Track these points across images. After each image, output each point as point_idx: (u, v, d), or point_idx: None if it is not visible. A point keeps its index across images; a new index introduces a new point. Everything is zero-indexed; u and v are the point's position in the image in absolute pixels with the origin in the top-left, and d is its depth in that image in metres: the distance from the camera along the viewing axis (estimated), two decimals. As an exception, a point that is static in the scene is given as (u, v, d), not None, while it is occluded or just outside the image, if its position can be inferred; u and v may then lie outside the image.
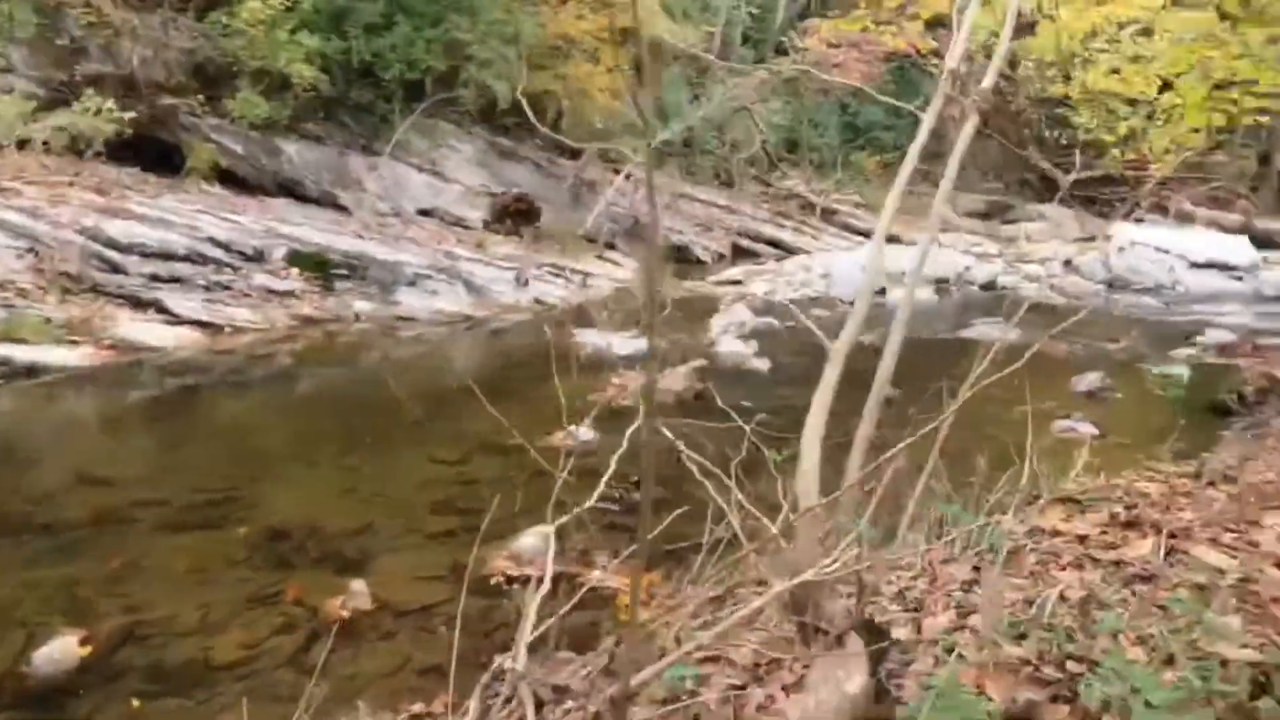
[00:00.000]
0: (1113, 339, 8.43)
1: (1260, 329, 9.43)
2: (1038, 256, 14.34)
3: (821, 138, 20.89)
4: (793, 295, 10.51)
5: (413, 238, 11.13)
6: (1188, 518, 3.24)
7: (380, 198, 12.15)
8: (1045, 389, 6.59)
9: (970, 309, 10.32)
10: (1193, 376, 7.03)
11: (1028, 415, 4.12)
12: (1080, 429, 5.53)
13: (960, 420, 5.32)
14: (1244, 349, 7.90)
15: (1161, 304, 10.96)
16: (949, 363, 6.95)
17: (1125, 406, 6.22)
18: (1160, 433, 5.56)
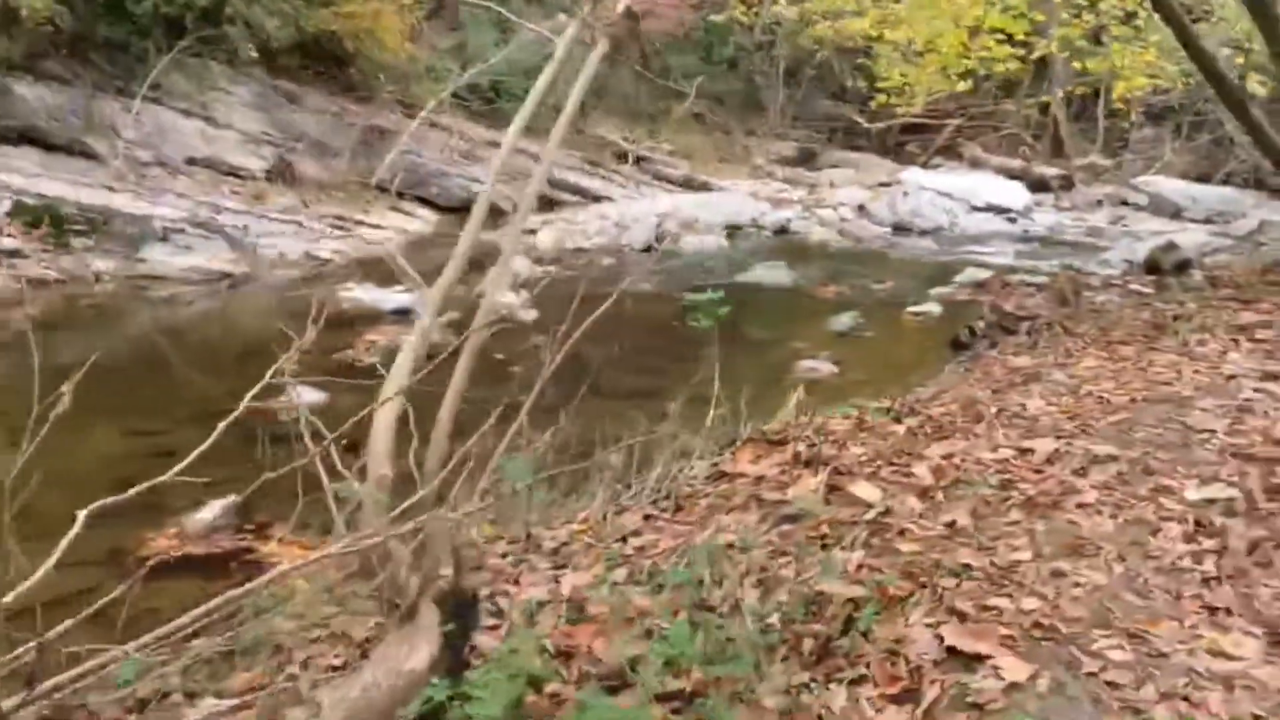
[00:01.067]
0: (880, 280, 8.72)
1: (1017, 266, 10.01)
2: (833, 201, 14.75)
3: (632, 84, 20.70)
4: (584, 244, 10.35)
5: (176, 189, 10.25)
6: (859, 453, 3.27)
7: (141, 145, 11.10)
8: (806, 330, 6.73)
9: (757, 254, 10.48)
10: (943, 313, 7.35)
11: (776, 358, 4.07)
12: (821, 368, 5.65)
13: (700, 364, 5.29)
14: (993, 285, 8.33)
15: (938, 245, 11.48)
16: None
17: (873, 344, 6.41)
18: (897, 368, 5.75)
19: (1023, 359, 4.90)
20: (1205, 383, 4.31)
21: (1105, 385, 4.23)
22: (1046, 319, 6.27)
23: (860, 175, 20.15)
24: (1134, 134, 23.03)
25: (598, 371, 5.74)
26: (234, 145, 12.16)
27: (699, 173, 18.58)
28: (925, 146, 24.44)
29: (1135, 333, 5.52)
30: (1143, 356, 4.89)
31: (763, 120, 23.64)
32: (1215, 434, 3.47)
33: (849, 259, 10.19)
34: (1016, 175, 19.18)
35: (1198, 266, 9.29)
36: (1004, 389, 4.27)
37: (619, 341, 6.34)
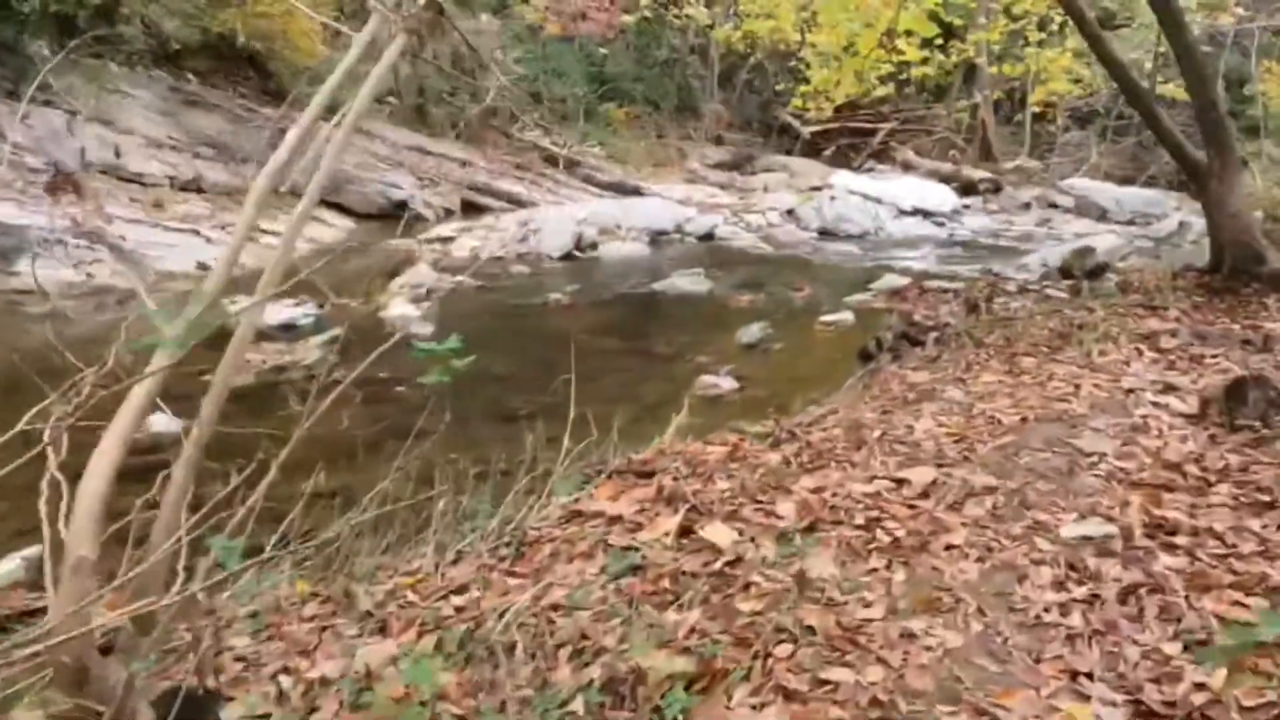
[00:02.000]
0: (798, 287, 8.52)
1: (938, 271, 9.90)
2: (763, 206, 14.59)
3: (567, 89, 20.39)
4: (500, 252, 10.01)
5: (65, 197, 9.66)
6: (724, 488, 3.00)
7: (31, 150, 10.48)
8: (714, 342, 6.48)
9: (679, 261, 10.23)
10: (856, 322, 7.15)
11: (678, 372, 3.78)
12: (723, 384, 5.39)
13: (598, 382, 5.01)
14: (909, 292, 8.18)
15: (862, 250, 11.35)
16: (617, 319, 6.64)
17: (780, 357, 6.18)
18: (800, 383, 5.52)
19: (921, 374, 4.69)
20: (1103, 398, 4.13)
21: (1000, 403, 4.03)
22: (954, 329, 6.10)
23: (795, 179, 20.06)
24: (1061, 138, 23.34)
25: (496, 389, 5.44)
26: (135, 150, 11.59)
27: (632, 177, 18.33)
28: (861, 150, 24.56)
29: (1040, 343, 5.35)
30: (1043, 369, 4.72)
31: (698, 124, 23.50)
32: (1104, 457, 3.27)
33: (770, 266, 9.99)
34: (947, 179, 19.26)
35: (1112, 271, 9.27)
36: (895, 408, 4.04)
37: (522, 357, 6.03)
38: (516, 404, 5.12)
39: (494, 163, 16.40)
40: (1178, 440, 3.54)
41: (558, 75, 20.36)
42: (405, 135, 15.94)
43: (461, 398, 5.18)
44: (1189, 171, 7.47)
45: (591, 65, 21.55)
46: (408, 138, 15.82)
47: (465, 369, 2.47)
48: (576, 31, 20.55)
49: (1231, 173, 6.84)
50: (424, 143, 15.89)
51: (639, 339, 6.60)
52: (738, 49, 22.74)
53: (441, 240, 10.59)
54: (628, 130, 21.10)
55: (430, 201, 13.45)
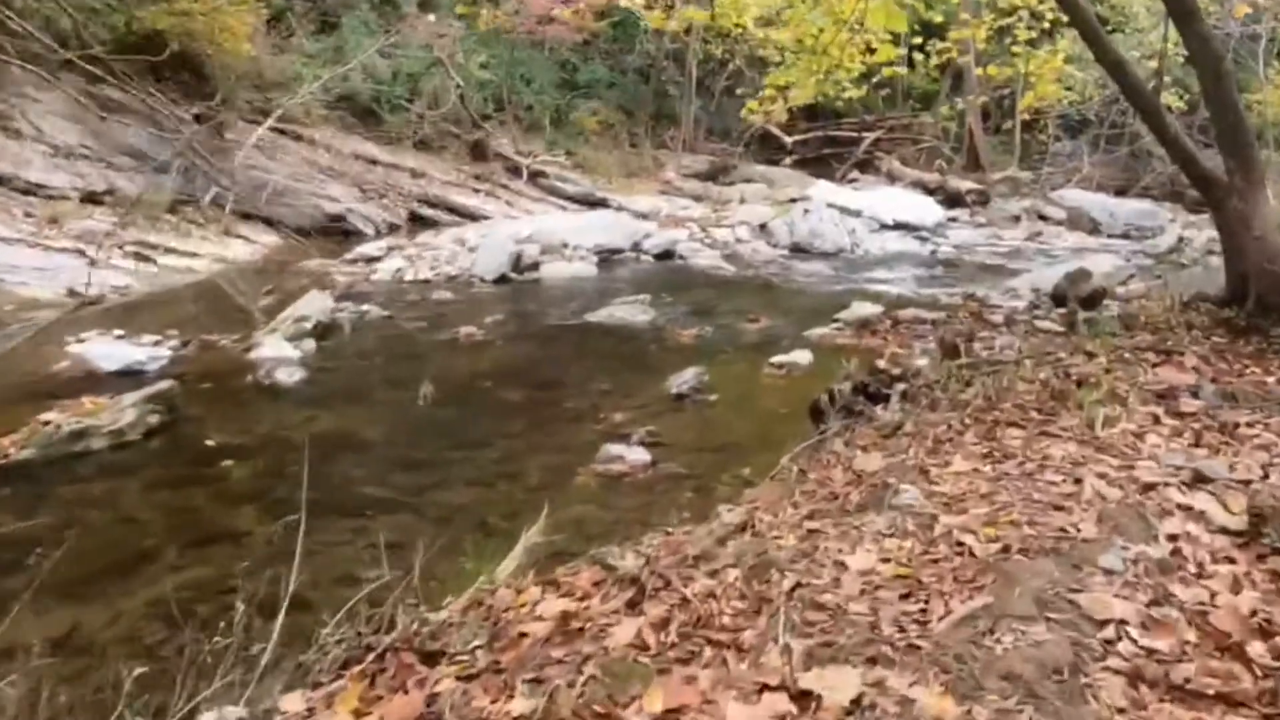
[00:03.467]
0: (753, 318, 7.38)
1: (916, 296, 8.77)
2: (734, 220, 13.46)
3: (536, 95, 19.26)
4: (428, 274, 8.86)
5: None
6: (521, 711, 1.85)
7: (-89, 161, 9.34)
8: (638, 392, 5.34)
9: (627, 284, 9.08)
10: (812, 363, 6.01)
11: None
12: (630, 456, 4.23)
13: (476, 455, 3.90)
14: (879, 325, 7.04)
15: (834, 270, 10.21)
16: (531, 360, 5.52)
17: (714, 414, 5.03)
18: (728, 456, 4.37)
19: (874, 457, 3.54)
20: (1114, 501, 3.00)
21: (974, 512, 2.88)
22: (926, 379, 4.96)
23: (774, 190, 18.95)
24: (1052, 146, 22.30)
25: (350, 464, 4.29)
26: (38, 160, 10.43)
27: (600, 188, 17.20)
28: (844, 160, 23.47)
29: (1029, 405, 4.21)
30: (1034, 447, 3.57)
31: (675, 132, 22.41)
32: (1124, 632, 2.13)
33: (729, 290, 8.84)
34: (933, 189, 18.17)
35: (1111, 297, 8.15)
36: (829, 520, 2.90)
37: (396, 419, 4.88)
38: (364, 493, 3.97)
39: (450, 173, 15.26)
40: (1228, 588, 2.40)
41: (525, 81, 19.25)
42: (354, 143, 14.80)
43: (298, 481, 4.02)
44: (1201, 186, 6.33)
45: (563, 71, 20.44)
46: (357, 145, 14.69)
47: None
48: (544, 35, 19.45)
49: (1256, 188, 5.71)
50: (374, 151, 14.75)
51: (549, 387, 5.45)
52: (716, 54, 21.68)
53: (367, 260, 9.44)
54: (599, 139, 19.97)
55: (370, 216, 12.30)
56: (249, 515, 3.66)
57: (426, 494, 3.87)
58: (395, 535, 3.53)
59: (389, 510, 3.72)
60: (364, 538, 3.48)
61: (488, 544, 3.20)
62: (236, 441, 4.40)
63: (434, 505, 3.76)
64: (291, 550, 3.40)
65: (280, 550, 3.41)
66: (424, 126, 16.46)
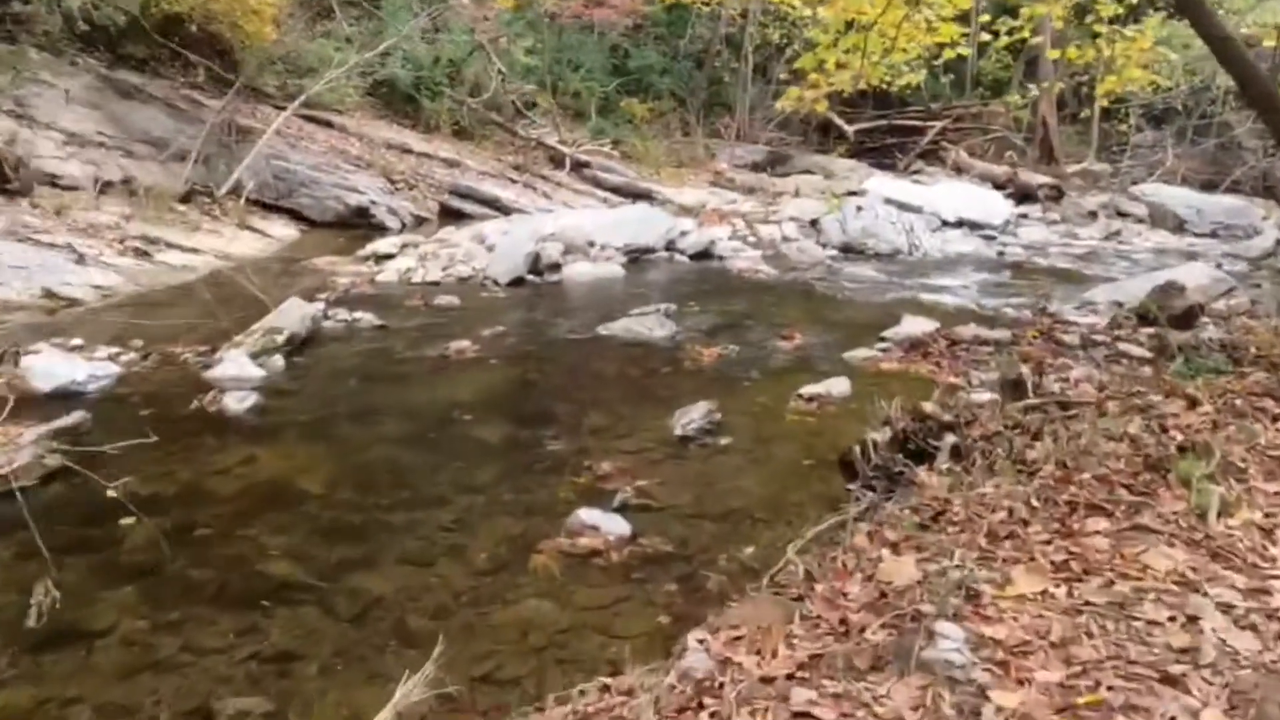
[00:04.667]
0: (787, 335, 6.45)
1: (977, 308, 7.73)
2: (783, 215, 12.47)
3: (583, 81, 18.43)
4: (438, 275, 8.11)
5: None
6: None
7: (-83, 149, 8.92)
8: (636, 431, 4.50)
9: (654, 288, 8.21)
10: (850, 394, 5.08)
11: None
12: (605, 526, 3.38)
13: (424, 517, 3.09)
14: (933, 346, 6.06)
15: (887, 275, 9.18)
16: (522, 385, 4.69)
17: (721, 465, 4.15)
18: (734, 524, 3.51)
19: (907, 562, 2.63)
20: (1249, 656, 2.07)
21: (1041, 681, 1.98)
22: (984, 428, 4.01)
23: (832, 183, 17.87)
24: (1133, 137, 20.72)
25: (288, 522, 3.51)
26: (52, 149, 9.97)
27: (646, 179, 16.33)
28: (908, 151, 22.20)
29: (1116, 477, 3.25)
30: (1125, 552, 2.64)
31: (729, 121, 21.40)
32: None
33: (765, 298, 7.91)
34: (1002, 183, 16.88)
35: (1208, 315, 7.02)
36: (827, 690, 2.01)
37: (344, 460, 4.12)
38: (273, 572, 3.20)
39: (486, 163, 14.54)
40: None
41: (573, 67, 18.43)
42: (388, 131, 14.18)
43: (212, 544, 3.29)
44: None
45: (612, 56, 19.58)
46: (391, 134, 14.06)
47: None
48: (594, 18, 18.59)
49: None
50: (409, 140, 14.10)
51: (533, 423, 4.62)
52: (773, 39, 20.58)
53: (377, 259, 8.73)
54: (649, 127, 19.07)
55: (396, 208, 11.61)
56: (124, 602, 2.93)
57: (347, 576, 3.09)
58: (288, 640, 2.76)
59: (294, 600, 2.95)
60: (249, 644, 2.71)
61: (368, 688, 2.41)
62: (147, 492, 3.67)
63: (351, 594, 2.97)
64: (153, 661, 2.66)
65: (140, 659, 2.67)
66: (463, 114, 15.78)
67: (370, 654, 2.69)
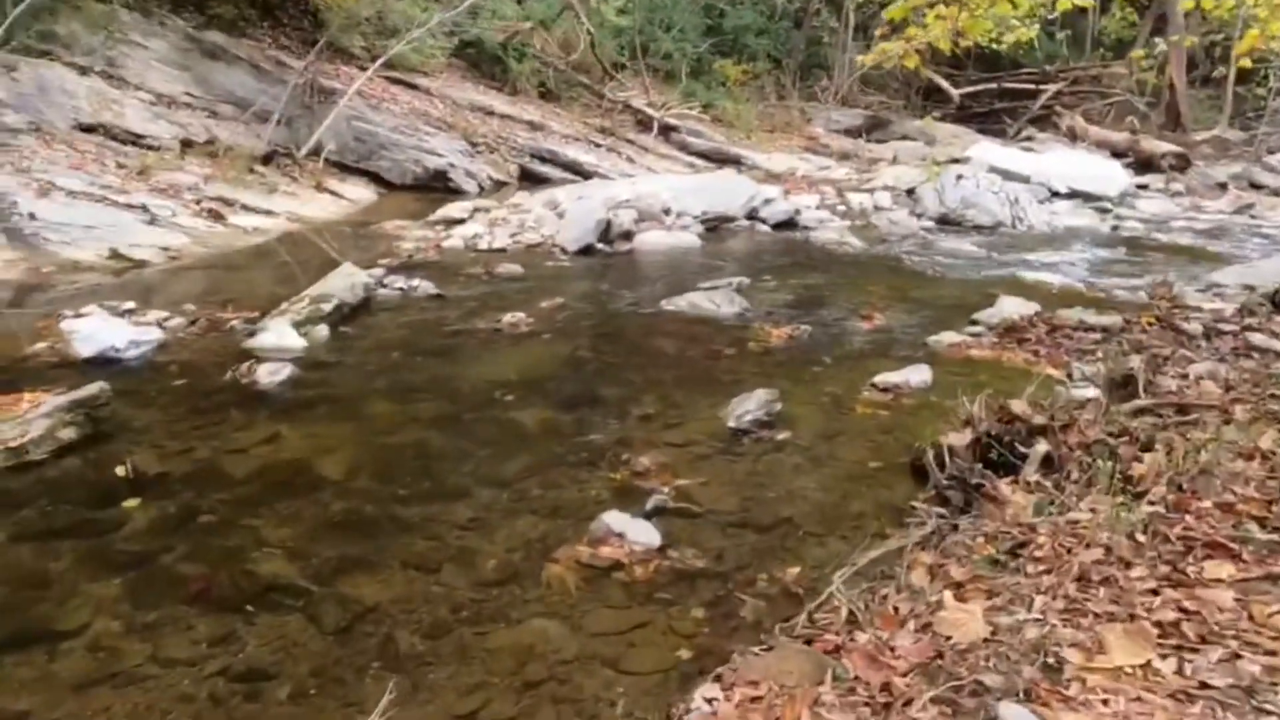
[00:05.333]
0: (867, 314, 5.90)
1: (1084, 288, 6.99)
2: (877, 184, 11.73)
3: (675, 42, 17.82)
4: (505, 242, 7.81)
5: (23, 162, 8.16)
6: None
7: (10, 107, 9.07)
8: (688, 417, 4.10)
9: (730, 260, 7.72)
10: (933, 384, 4.54)
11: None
12: (633, 536, 2.99)
13: (441, 512, 2.77)
14: (1030, 332, 5.43)
15: (986, 250, 8.44)
16: (572, 364, 4.31)
17: (777, 465, 3.70)
18: (782, 538, 3.09)
19: (972, 613, 2.15)
20: None
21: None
22: (1082, 436, 3.44)
23: (934, 149, 16.89)
24: (1272, 102, 18.90)
25: (307, 507, 3.26)
26: (140, 109, 10.04)
27: (736, 144, 15.71)
28: (1019, 116, 20.86)
29: (1244, 506, 2.68)
30: (1255, 614, 2.10)
31: (827, 84, 20.48)
32: None
33: (849, 273, 7.33)
34: (1122, 151, 15.61)
35: (1359, 303, 6.12)
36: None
37: (385, 443, 3.83)
38: (267, 570, 2.95)
39: (571, 126, 14.17)
40: None
41: (664, 27, 17.83)
42: (474, 93, 13.94)
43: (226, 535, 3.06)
44: None
45: (706, 17, 18.87)
46: (475, 95, 13.81)
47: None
48: (689, -22, 17.92)
49: None
50: (493, 102, 13.82)
51: (577, 407, 4.26)
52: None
53: (447, 223, 8.48)
54: (742, 90, 18.36)
55: (474, 171, 11.37)
56: (103, 598, 2.71)
57: (343, 579, 2.81)
58: (264, 654, 2.48)
59: (281, 606, 2.68)
60: (221, 656, 2.44)
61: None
62: (159, 470, 3.47)
63: (342, 603, 2.68)
64: (116, 672, 2.42)
65: (102, 669, 2.42)
66: (550, 76, 15.43)
67: (350, 676, 2.38)
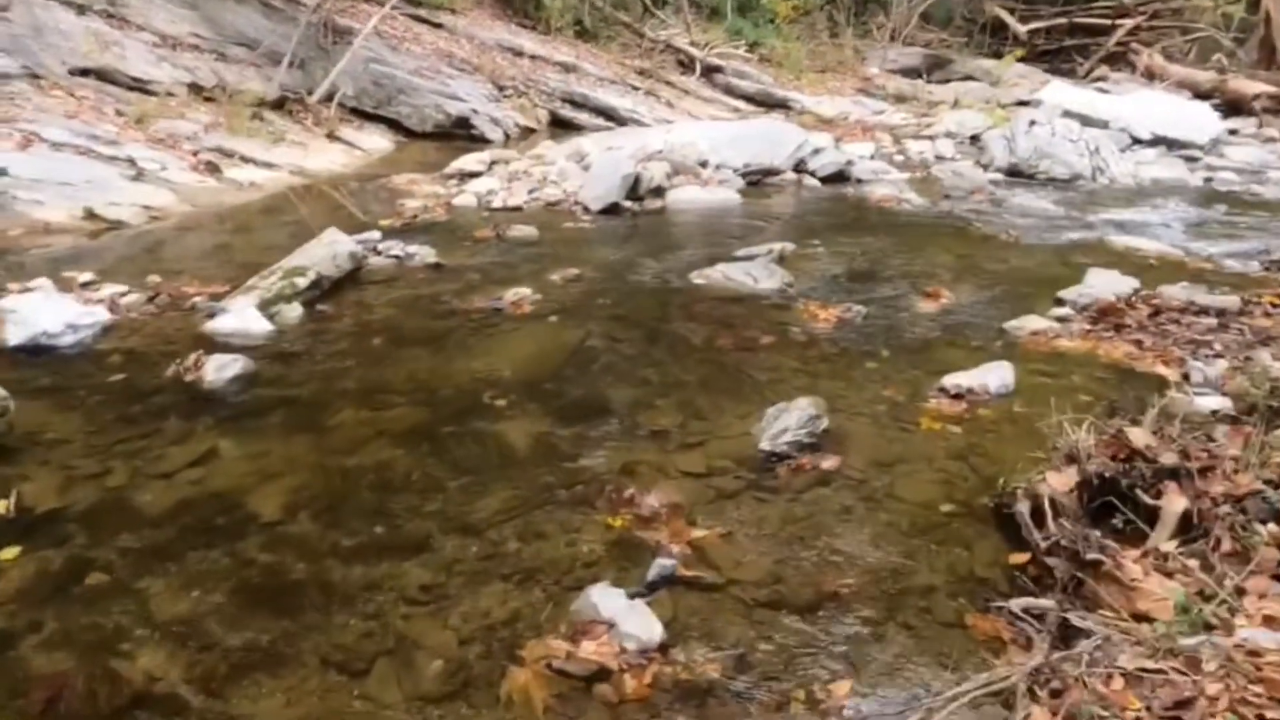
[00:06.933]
0: (932, 290, 5.00)
1: (1185, 255, 5.98)
2: (937, 130, 10.63)
3: (721, -24, 16.59)
4: (522, 199, 6.99)
5: (4, 111, 7.51)
6: None
7: (3, 50, 8.41)
8: (714, 432, 3.32)
9: (770, 221, 6.82)
10: (1016, 389, 3.67)
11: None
12: (626, 627, 2.22)
13: (385, 572, 1.89)
14: (1130, 315, 4.49)
15: (1062, 209, 7.40)
16: (575, 357, 3.37)
17: (823, 505, 2.88)
18: (834, 626, 2.31)
19: None
20: None
21: None
22: (1231, 485, 2.57)
23: (999, 91, 15.60)
24: (1377, 37, 17.07)
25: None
26: (142, 51, 9.32)
27: (782, 86, 14.57)
28: (1091, 54, 19.24)
29: None
30: None
31: (883, 20, 19.06)
32: None
33: (908, 237, 6.38)
34: (1206, 93, 14.17)
35: None
36: None
37: (341, 465, 3.11)
38: (132, 667, 2.24)
39: (607, 68, 13.16)
40: None
41: (709, -40, 16.58)
42: (503, 32, 12.98)
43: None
44: None
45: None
46: (504, 35, 12.86)
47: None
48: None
49: None
50: (524, 42, 12.86)
51: (578, 418, 3.47)
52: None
53: (462, 177, 7.67)
54: (791, 27, 17.09)
55: (500, 118, 10.50)
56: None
57: (240, 686, 2.11)
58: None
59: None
60: None
61: None
62: (55, 505, 2.80)
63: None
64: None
65: None
66: (586, 12, 14.39)
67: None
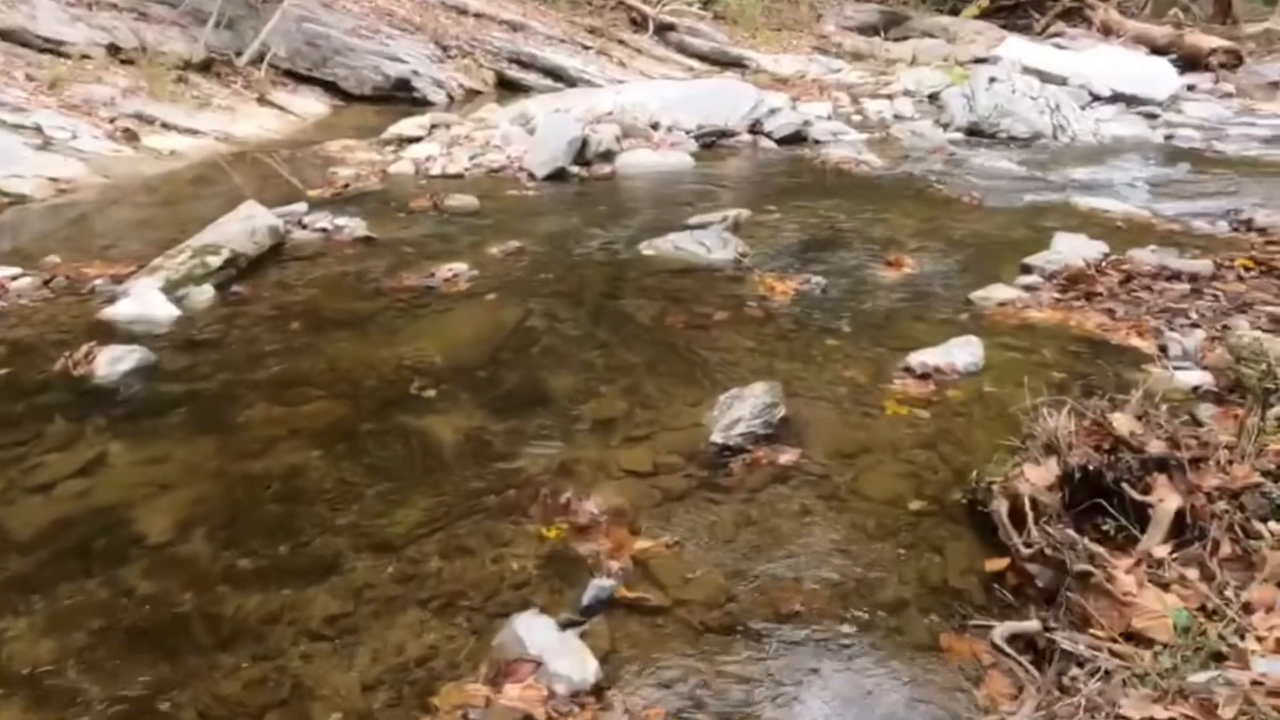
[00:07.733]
0: (893, 259, 4.72)
1: (1152, 216, 5.77)
2: (895, 89, 10.32)
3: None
4: (463, 165, 6.57)
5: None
6: None
7: (-105, 12, 7.75)
8: (666, 420, 3.01)
9: (724, 186, 6.49)
10: (986, 366, 3.41)
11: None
12: (556, 667, 1.92)
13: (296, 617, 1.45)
14: (1100, 281, 4.26)
15: (1024, 168, 7.16)
16: (513, 337, 2.95)
17: (781, 504, 2.59)
18: (797, 659, 2.02)
19: None
20: None
21: None
22: (1226, 478, 2.33)
23: (956, 48, 15.29)
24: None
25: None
26: (53, 10, 8.67)
27: (740, 45, 14.15)
28: (1047, 9, 18.98)
29: None
30: None
31: (840, -24, 18.60)
32: None
33: (867, 200, 6.10)
34: (1162, 48, 14.03)
35: None
36: None
37: (245, 476, 2.75)
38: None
39: (556, 26, 12.63)
40: None
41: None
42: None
43: None
44: None
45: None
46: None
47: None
48: None
49: None
50: (470, 2, 12.28)
51: (512, 409, 3.14)
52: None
53: (399, 143, 7.23)
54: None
55: (443, 80, 9.99)
56: None
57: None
58: None
59: None
60: None
61: None
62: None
63: None
64: None
65: None
66: (533, -31, 13.78)
67: None
